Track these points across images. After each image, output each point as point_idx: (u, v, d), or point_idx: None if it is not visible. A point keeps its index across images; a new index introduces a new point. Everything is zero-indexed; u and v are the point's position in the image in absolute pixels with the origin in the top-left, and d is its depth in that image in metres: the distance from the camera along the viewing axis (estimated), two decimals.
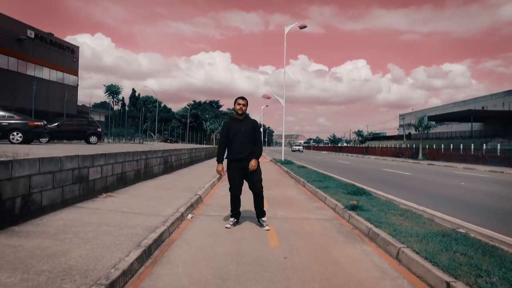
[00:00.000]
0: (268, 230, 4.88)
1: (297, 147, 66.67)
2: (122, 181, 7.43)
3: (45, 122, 15.69)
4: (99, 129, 21.08)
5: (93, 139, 20.18)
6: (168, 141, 63.84)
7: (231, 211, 5.14)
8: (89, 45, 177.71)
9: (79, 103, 42.33)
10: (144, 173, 9.01)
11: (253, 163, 4.88)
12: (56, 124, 19.70)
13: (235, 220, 5.09)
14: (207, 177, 10.71)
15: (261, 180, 5.07)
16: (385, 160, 36.25)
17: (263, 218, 5.07)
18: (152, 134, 71.29)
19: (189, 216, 5.55)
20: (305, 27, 22.64)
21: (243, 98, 5.04)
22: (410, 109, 73.77)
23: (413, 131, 46.27)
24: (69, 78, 37.40)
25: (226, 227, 4.93)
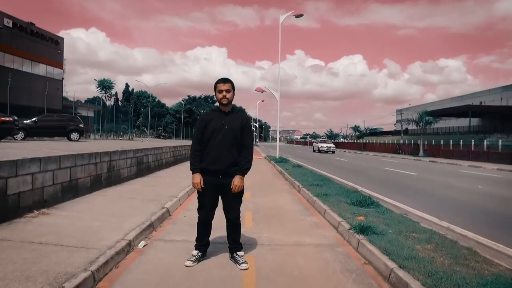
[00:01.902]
0: (246, 269, 3.43)
1: (325, 145, 40.19)
2: (71, 191, 5.93)
3: (15, 118, 14.14)
4: (81, 125, 19.72)
5: (74, 135, 18.74)
6: (161, 137, 62.18)
7: (196, 240, 3.67)
8: (84, 40, 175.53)
9: (71, 99, 40.54)
10: (108, 178, 7.51)
11: (237, 182, 3.37)
12: (33, 120, 18.13)
13: (200, 254, 3.61)
14: (187, 180, 9.22)
15: (241, 202, 3.62)
16: (384, 157, 34.89)
17: (238, 253, 3.58)
18: (146, 130, 69.48)
19: (141, 244, 4.07)
20: (301, 15, 21.22)
21: (225, 81, 3.42)
22: (407, 105, 72.43)
23: (413, 127, 44.84)
24: (53, 71, 35.50)
25: (186, 266, 3.46)
